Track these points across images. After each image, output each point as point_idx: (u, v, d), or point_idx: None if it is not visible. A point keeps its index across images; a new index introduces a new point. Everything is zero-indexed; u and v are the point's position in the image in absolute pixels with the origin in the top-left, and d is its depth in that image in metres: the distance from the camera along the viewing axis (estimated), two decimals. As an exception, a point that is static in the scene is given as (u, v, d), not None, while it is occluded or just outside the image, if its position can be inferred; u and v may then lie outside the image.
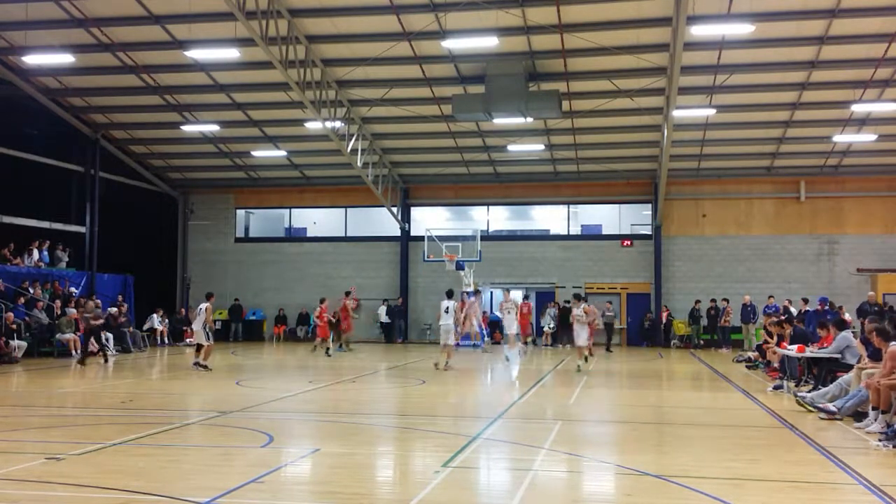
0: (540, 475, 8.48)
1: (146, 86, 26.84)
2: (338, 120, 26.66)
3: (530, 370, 20.89)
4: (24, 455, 9.07)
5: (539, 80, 24.81)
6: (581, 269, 33.20)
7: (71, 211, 30.13)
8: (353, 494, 7.45)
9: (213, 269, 34.72)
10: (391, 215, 33.67)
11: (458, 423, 12.00)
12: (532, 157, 31.88)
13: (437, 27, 22.19)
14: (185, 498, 7.02)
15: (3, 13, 22.63)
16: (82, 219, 30.28)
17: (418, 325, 34.08)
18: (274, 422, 11.60)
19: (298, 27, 22.65)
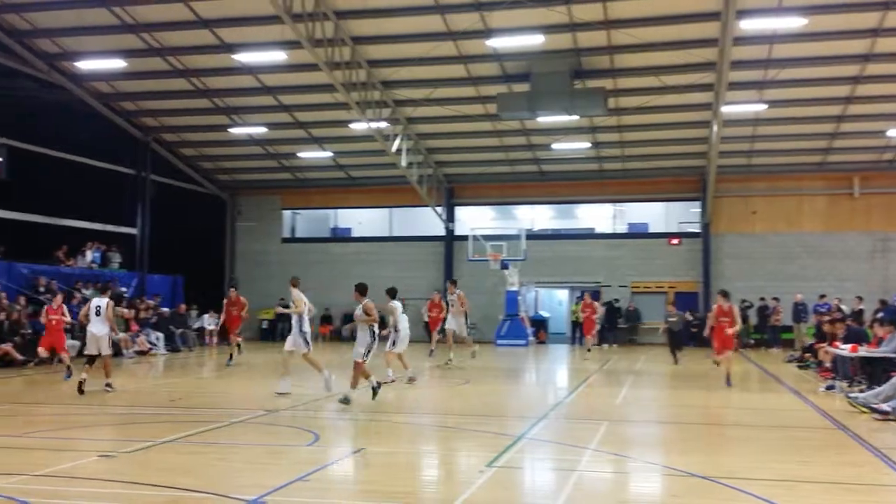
0: (585, 476, 8.42)
1: (195, 89, 27.26)
2: (383, 120, 26.78)
3: (576, 370, 20.72)
4: (78, 452, 9.26)
5: (584, 77, 24.62)
6: (627, 267, 32.87)
7: (123, 213, 30.72)
8: (397, 493, 7.46)
9: (259, 270, 35.10)
10: (436, 215, 33.71)
11: (502, 423, 11.96)
12: (577, 156, 31.64)
13: (482, 26, 22.15)
14: (232, 495, 7.10)
15: (56, 20, 23.16)
16: (134, 220, 30.87)
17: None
18: (319, 421, 11.69)
19: (344, 29, 22.79)
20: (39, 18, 23.32)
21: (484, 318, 33.37)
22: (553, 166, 32.91)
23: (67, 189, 26.40)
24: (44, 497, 7.02)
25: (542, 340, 32.07)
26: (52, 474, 7.99)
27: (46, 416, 12.05)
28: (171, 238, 31.04)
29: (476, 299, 33.64)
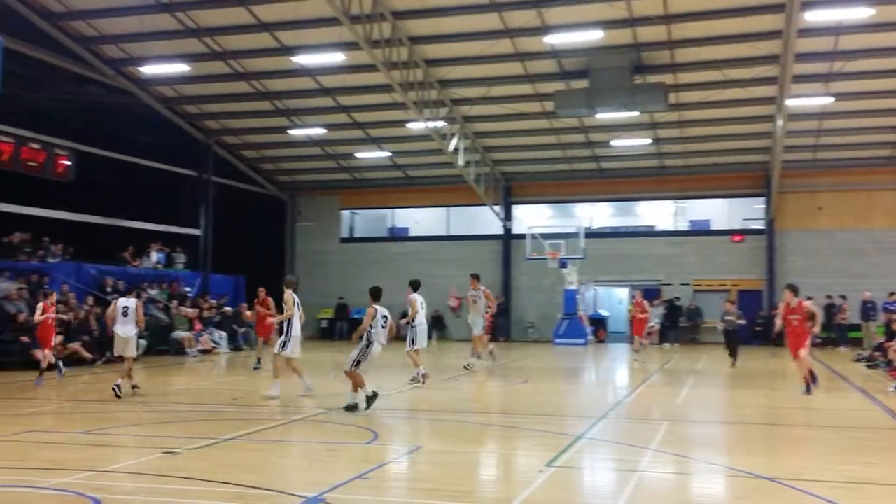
0: (647, 476, 8.30)
1: (256, 92, 27.68)
2: (440, 119, 26.82)
3: (636, 369, 20.46)
4: (143, 449, 9.46)
5: (644, 72, 24.29)
6: (689, 265, 32.34)
7: (186, 214, 31.36)
8: (455, 492, 7.45)
9: (319, 269, 35.47)
10: (493, 213, 33.64)
11: (561, 423, 11.86)
12: (637, 152, 31.26)
13: (539, 23, 22.02)
14: (293, 492, 7.17)
15: (121, 26, 23.75)
16: (197, 222, 31.50)
17: (521, 323, 33.92)
18: (378, 419, 11.74)
19: (401, 29, 22.89)
20: (105, 25, 23.95)
21: (542, 318, 33.24)
22: (612, 163, 32.56)
23: (133, 191, 27.06)
24: (111, 493, 7.18)
25: (601, 340, 31.75)
26: (118, 470, 8.18)
27: (113, 413, 12.36)
28: (232, 239, 31.58)
29: (534, 298, 33.64)
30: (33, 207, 23.97)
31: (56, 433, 10.48)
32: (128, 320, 14.24)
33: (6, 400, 13.71)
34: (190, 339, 24.59)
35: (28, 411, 12.53)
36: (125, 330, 14.22)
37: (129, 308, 14.31)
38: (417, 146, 31.00)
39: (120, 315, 14.29)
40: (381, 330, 12.36)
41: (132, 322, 14.27)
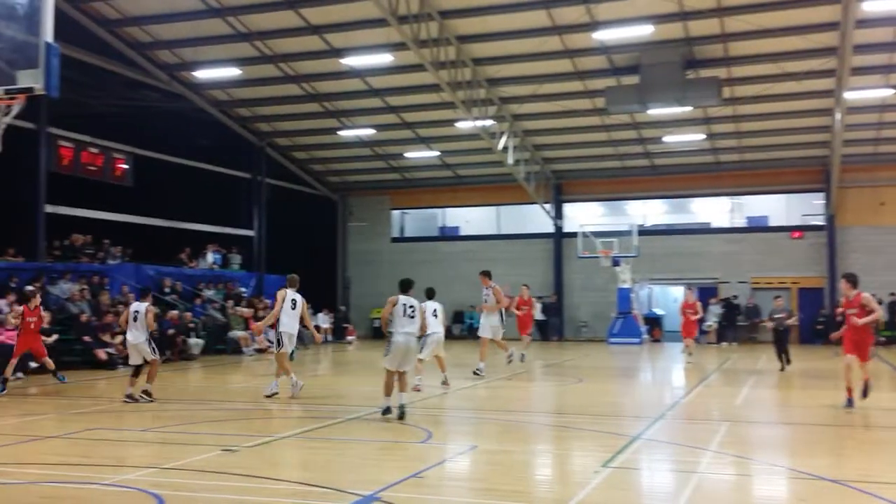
0: (706, 478, 8.15)
1: (306, 94, 27.94)
2: (489, 118, 26.76)
3: (693, 370, 20.14)
4: (202, 447, 9.60)
5: (697, 66, 23.91)
6: (746, 263, 31.76)
7: (240, 216, 31.80)
8: (510, 492, 7.41)
9: (370, 269, 35.67)
10: (544, 212, 33.46)
11: (617, 423, 11.72)
12: (691, 148, 30.80)
13: (588, 19, 21.82)
14: (349, 490, 7.21)
15: (175, 31, 24.18)
16: (250, 223, 31.93)
17: (574, 322, 33.68)
18: (432, 418, 11.74)
19: (449, 28, 22.88)
20: (160, 31, 24.41)
21: (595, 316, 32.96)
22: (665, 160, 32.14)
23: (189, 193, 27.53)
24: (172, 489, 7.29)
25: (656, 339, 31.35)
26: (179, 467, 8.31)
27: (172, 411, 12.57)
28: (286, 239, 31.92)
29: (587, 297, 33.37)
30: (93, 210, 24.54)
31: (118, 431, 10.69)
32: (137, 325, 13.49)
33: (70, 399, 14.04)
34: (246, 339, 24.95)
35: (91, 410, 12.81)
36: (133, 336, 13.52)
37: (140, 313, 13.53)
38: (466, 145, 30.97)
39: (132, 320, 13.58)
40: (405, 319, 11.33)
41: (142, 327, 13.48)
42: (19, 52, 6.68)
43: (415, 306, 11.46)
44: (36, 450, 9.36)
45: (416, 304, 11.51)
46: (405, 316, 11.35)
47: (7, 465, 8.45)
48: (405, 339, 11.30)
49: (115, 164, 25.28)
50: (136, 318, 13.46)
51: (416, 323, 11.41)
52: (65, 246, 23.49)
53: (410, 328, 11.36)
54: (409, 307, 11.42)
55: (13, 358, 15.32)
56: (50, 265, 22.00)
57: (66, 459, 8.73)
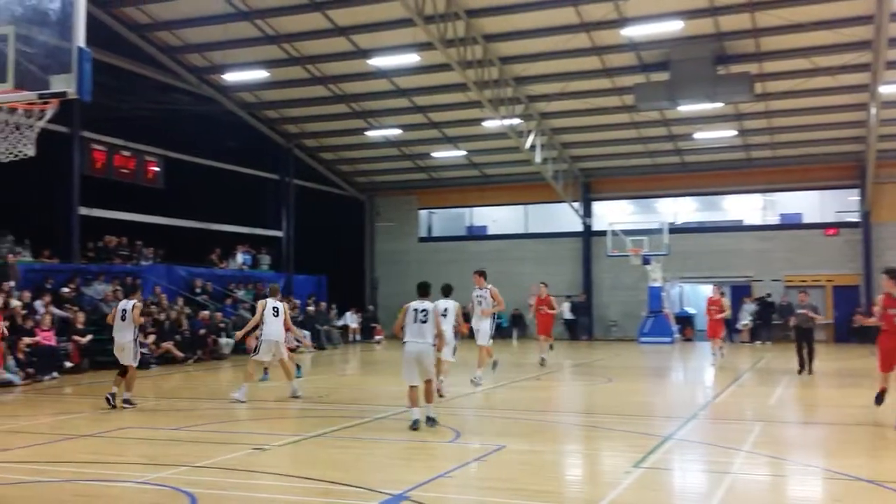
0: (739, 479, 8.07)
1: (333, 95, 28.05)
2: (516, 117, 26.68)
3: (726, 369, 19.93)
4: (233, 445, 9.67)
5: (728, 62, 23.65)
6: (779, 260, 31.37)
7: (268, 217, 32.02)
8: (540, 492, 7.37)
9: (398, 269, 35.72)
10: (572, 210, 33.30)
11: (648, 423, 11.63)
12: (722, 144, 30.49)
13: (616, 15, 21.68)
14: (378, 489, 7.22)
15: (205, 35, 24.40)
16: (279, 224, 32.14)
17: (603, 321, 33.49)
18: (460, 418, 11.73)
19: (475, 27, 22.85)
20: (189, 34, 24.64)
21: (625, 316, 32.76)
22: (696, 156, 31.84)
23: (218, 195, 27.78)
24: (204, 487, 7.35)
25: (688, 338, 31.07)
26: (210, 466, 8.38)
27: (204, 410, 12.67)
28: (314, 240, 32.10)
29: (617, 296, 33.16)
30: (126, 212, 24.85)
31: (151, 429, 10.80)
32: (125, 324, 12.90)
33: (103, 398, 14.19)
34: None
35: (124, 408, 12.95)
36: (121, 335, 12.89)
37: (127, 311, 12.97)
38: (494, 144, 30.93)
39: (119, 319, 12.99)
40: (416, 326, 10.60)
41: (129, 326, 12.90)
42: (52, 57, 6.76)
43: (428, 310, 10.68)
44: (70, 448, 9.48)
45: (430, 307, 10.75)
46: (416, 322, 10.66)
47: (42, 463, 8.57)
48: (416, 347, 10.56)
49: (147, 166, 25.58)
50: (123, 317, 12.94)
51: (428, 328, 10.59)
52: (98, 247, 23.80)
53: (421, 335, 10.60)
54: (422, 311, 10.69)
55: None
56: (84, 266, 22.30)
57: (99, 458, 8.84)
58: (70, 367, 18.17)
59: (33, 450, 9.36)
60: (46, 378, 16.91)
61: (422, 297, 10.85)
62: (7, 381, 15.79)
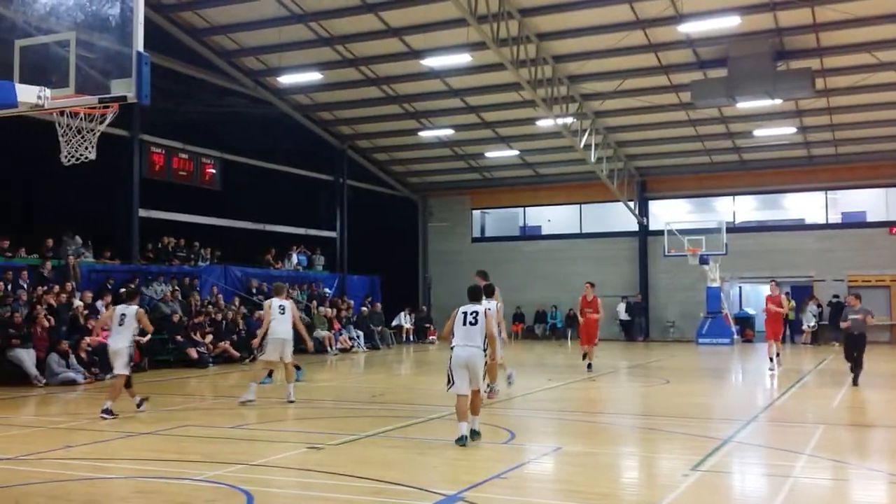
0: (801, 482, 7.87)
1: (386, 96, 28.19)
2: (570, 116, 26.48)
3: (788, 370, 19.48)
4: (288, 444, 9.78)
5: (787, 58, 23.15)
6: (842, 260, 30.57)
7: (323, 217, 32.33)
8: (596, 494, 7.28)
9: (451, 269, 35.69)
10: (628, 210, 32.93)
11: (706, 425, 11.41)
12: (782, 142, 29.85)
13: (673, 12, 21.37)
14: (432, 489, 7.20)
15: (260, 38, 24.73)
16: (333, 224, 32.42)
17: (660, 322, 33.05)
18: (515, 419, 11.66)
19: (529, 26, 22.73)
20: (245, 38, 25.00)
21: (683, 316, 32.30)
22: (755, 154, 31.22)
23: (274, 196, 28.14)
24: (259, 485, 7.43)
25: (748, 339, 30.48)
26: (266, 464, 8.47)
27: (260, 409, 12.82)
28: (367, 240, 32.31)
29: (674, 296, 32.71)
30: (184, 214, 25.31)
31: (208, 428, 10.96)
32: (123, 329, 11.97)
33: (164, 396, 14.48)
34: (330, 338, 25.32)
35: (182, 407, 13.19)
36: (115, 341, 12.00)
37: (128, 316, 12.00)
38: (547, 144, 30.75)
39: (116, 324, 12.04)
40: (464, 329, 9.73)
41: (128, 333, 12.01)
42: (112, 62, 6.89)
43: (478, 311, 9.83)
44: (130, 445, 9.68)
45: (481, 310, 9.88)
46: (465, 325, 9.79)
47: (103, 459, 8.77)
48: (465, 352, 9.63)
49: (204, 168, 26.02)
50: (122, 322, 11.97)
51: (477, 331, 9.73)
52: (157, 249, 24.29)
53: (470, 339, 9.69)
54: (471, 313, 9.81)
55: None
56: (144, 267, 22.77)
57: (158, 455, 9.00)
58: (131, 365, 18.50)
59: (95, 447, 9.58)
60: (108, 377, 17.25)
61: (472, 302, 10.09)
62: (70, 379, 16.20)
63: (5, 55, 6.99)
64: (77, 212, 20.84)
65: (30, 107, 6.78)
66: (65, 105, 7.03)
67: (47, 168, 9.48)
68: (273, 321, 13.16)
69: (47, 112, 7.14)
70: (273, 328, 13.16)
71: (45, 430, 11.08)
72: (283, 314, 13.25)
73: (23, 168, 18.87)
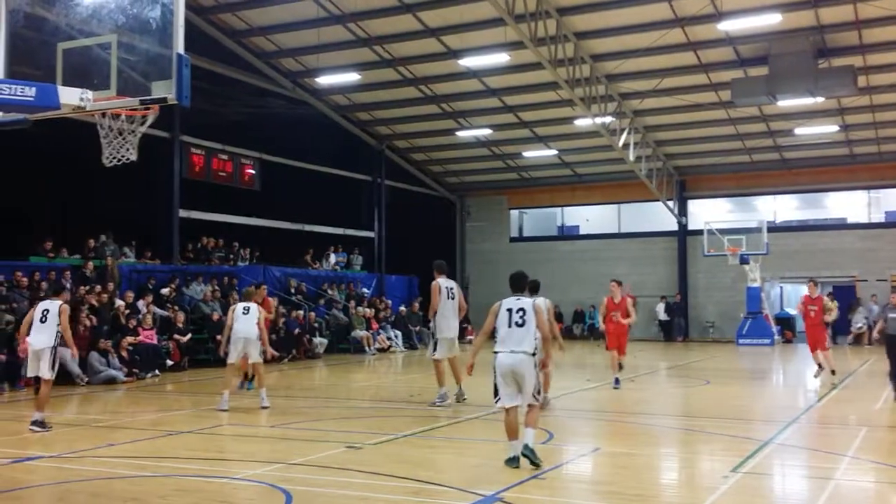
0: (843, 485, 7.73)
1: (424, 96, 28.24)
2: (608, 115, 26.29)
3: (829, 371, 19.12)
4: (327, 443, 9.82)
5: (829, 55, 22.76)
6: (886, 259, 29.97)
7: (361, 217, 32.48)
8: (635, 496, 7.22)
9: (489, 269, 35.63)
10: (667, 209, 32.62)
11: (747, 427, 11.25)
12: (824, 140, 29.35)
13: (713, 10, 21.11)
14: (470, 490, 7.19)
15: (299, 39, 24.92)
16: (371, 224, 32.56)
17: (700, 322, 32.68)
18: (554, 419, 11.59)
19: (566, 25, 22.62)
20: (284, 39, 25.21)
21: (722, 316, 31.93)
22: (796, 153, 30.75)
23: (312, 197, 28.33)
24: (298, 484, 7.48)
25: (788, 340, 30.02)
26: (305, 463, 8.52)
27: (299, 408, 12.91)
28: (405, 240, 32.39)
29: (713, 296, 32.35)
30: (223, 214, 25.60)
31: (247, 427, 11.06)
32: (44, 327, 10.60)
33: (203, 395, 14.65)
34: (368, 338, 25.43)
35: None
36: (37, 340, 10.60)
37: (51, 311, 10.65)
38: (585, 143, 30.57)
39: (37, 321, 10.67)
40: (511, 330, 8.23)
41: (50, 330, 10.58)
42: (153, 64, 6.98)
43: (525, 309, 8.26)
44: (171, 444, 9.80)
45: (529, 304, 8.33)
46: (510, 325, 8.23)
47: (144, 458, 8.88)
48: (509, 358, 8.14)
49: (243, 169, 26.29)
50: (44, 319, 10.64)
51: (525, 333, 8.15)
52: (197, 249, 24.59)
53: (516, 342, 8.15)
54: (518, 311, 8.26)
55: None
56: (184, 267, 23.05)
57: (198, 454, 9.10)
58: (171, 365, 18.79)
59: (136, 445, 9.72)
60: (148, 376, 17.54)
61: (517, 293, 8.58)
62: (112, 378, 16.46)
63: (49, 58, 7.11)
64: (118, 212, 21.14)
65: (72, 109, 6.88)
66: (106, 107, 7.12)
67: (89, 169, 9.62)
68: (236, 322, 12.78)
69: (89, 114, 7.23)
70: (235, 329, 12.82)
71: (87, 428, 11.26)
72: (247, 314, 12.85)
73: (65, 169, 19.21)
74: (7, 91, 6.49)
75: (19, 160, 17.84)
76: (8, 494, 7.20)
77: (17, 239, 19.52)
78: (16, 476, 7.93)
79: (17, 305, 17.00)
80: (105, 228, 21.18)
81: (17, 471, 8.19)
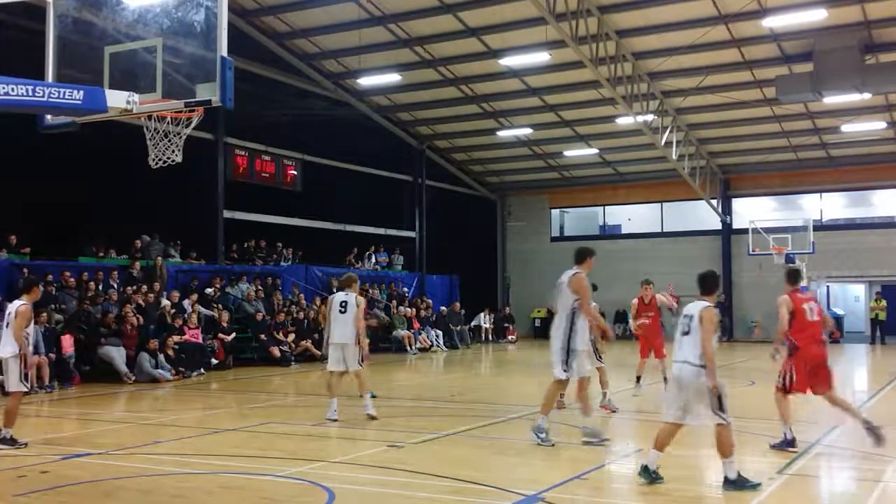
0: (891, 488, 7.58)
1: (464, 96, 28.24)
2: (650, 113, 26.03)
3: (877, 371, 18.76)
4: (369, 442, 9.89)
5: (876, 51, 22.28)
6: (936, 258, 29.32)
7: (402, 217, 32.60)
8: (679, 497, 7.15)
9: (530, 269, 35.59)
10: (710, 208, 32.21)
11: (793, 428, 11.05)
12: (871, 137, 28.75)
13: (757, 6, 20.79)
14: (512, 489, 7.19)
15: (340, 41, 25.09)
16: (412, 224, 32.66)
17: (744, 322, 32.23)
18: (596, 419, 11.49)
19: (608, 23, 22.45)
20: (326, 41, 25.39)
21: (768, 316, 31.36)
22: (843, 150, 30.16)
23: (354, 197, 28.51)
24: (341, 482, 7.54)
25: (835, 339, 29.46)
26: (347, 462, 8.58)
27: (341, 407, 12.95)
28: (446, 240, 32.43)
29: (758, 295, 31.83)
30: (266, 215, 25.88)
31: (291, 425, 11.16)
32: (7, 332, 9.39)
33: (248, 394, 14.83)
34: (409, 338, 25.51)
35: (266, 404, 13.47)
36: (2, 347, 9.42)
37: (11, 315, 9.37)
38: (627, 142, 30.32)
39: (4, 324, 9.56)
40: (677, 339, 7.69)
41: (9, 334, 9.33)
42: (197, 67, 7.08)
43: (692, 315, 7.66)
44: (216, 442, 9.93)
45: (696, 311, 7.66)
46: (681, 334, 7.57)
47: (190, 455, 9.02)
48: (676, 370, 7.56)
49: (286, 170, 26.55)
50: (8, 324, 9.39)
51: (688, 341, 7.57)
52: (241, 249, 24.88)
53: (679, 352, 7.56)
54: (685, 318, 7.69)
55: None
56: (228, 267, 23.35)
57: (243, 451, 9.21)
58: (215, 363, 19.04)
59: (182, 443, 9.88)
60: (194, 374, 17.79)
61: (704, 296, 8.05)
62: (158, 376, 16.73)
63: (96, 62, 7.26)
64: (164, 213, 21.50)
65: (119, 112, 7.02)
66: (152, 109, 7.25)
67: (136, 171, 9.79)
68: (333, 323, 11.50)
69: (136, 117, 7.37)
70: (332, 333, 11.52)
71: (134, 425, 11.47)
72: (344, 313, 11.44)
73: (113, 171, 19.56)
74: (56, 94, 6.64)
75: (69, 162, 18.21)
76: (57, 490, 7.37)
77: (66, 239, 19.95)
78: (65, 472, 8.11)
79: (65, 306, 17.39)
80: (151, 229, 21.55)
81: (67, 467, 8.37)
